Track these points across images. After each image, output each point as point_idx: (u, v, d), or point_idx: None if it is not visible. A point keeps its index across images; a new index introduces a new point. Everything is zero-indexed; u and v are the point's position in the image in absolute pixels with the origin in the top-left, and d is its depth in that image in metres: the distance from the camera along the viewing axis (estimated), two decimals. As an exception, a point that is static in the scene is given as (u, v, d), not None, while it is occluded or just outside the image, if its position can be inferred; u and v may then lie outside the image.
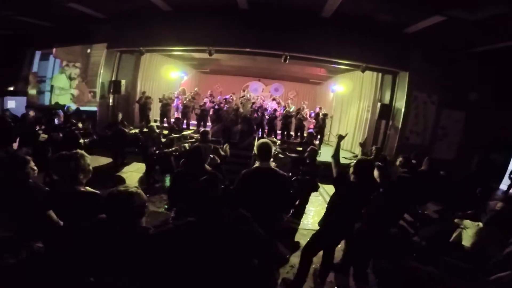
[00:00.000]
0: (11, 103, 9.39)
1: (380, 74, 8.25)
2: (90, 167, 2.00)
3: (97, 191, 1.95)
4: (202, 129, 7.19)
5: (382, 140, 7.92)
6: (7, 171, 2.31)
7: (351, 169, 2.50)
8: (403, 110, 7.23)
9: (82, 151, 2.01)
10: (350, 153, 8.67)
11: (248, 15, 6.93)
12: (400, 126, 7.28)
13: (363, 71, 7.53)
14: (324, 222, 2.60)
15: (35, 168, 2.25)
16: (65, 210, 1.85)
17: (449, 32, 6.21)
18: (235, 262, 1.56)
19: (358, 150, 8.65)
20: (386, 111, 7.62)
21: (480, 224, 2.65)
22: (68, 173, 1.89)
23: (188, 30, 7.23)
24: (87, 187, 1.98)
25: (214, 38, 7.19)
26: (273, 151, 2.43)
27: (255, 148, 2.44)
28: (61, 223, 1.95)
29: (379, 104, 7.81)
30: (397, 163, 4.21)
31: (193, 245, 1.45)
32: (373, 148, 5.82)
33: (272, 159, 2.63)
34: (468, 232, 2.65)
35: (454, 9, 5.14)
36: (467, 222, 2.69)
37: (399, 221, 4.18)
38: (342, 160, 2.72)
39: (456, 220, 2.75)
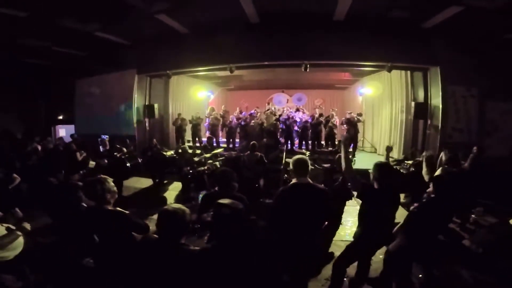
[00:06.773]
0: (62, 131, 10.24)
1: (408, 72, 7.81)
2: (115, 189, 2.27)
3: (124, 211, 2.18)
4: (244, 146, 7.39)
5: (422, 141, 7.39)
6: (61, 196, 2.77)
7: (372, 175, 2.45)
8: (440, 107, 6.71)
9: (106, 176, 2.28)
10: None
11: (261, 28, 7.04)
12: (440, 124, 6.75)
13: (389, 71, 7.22)
14: (357, 233, 2.54)
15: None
16: (96, 226, 2.16)
17: (472, 22, 5.79)
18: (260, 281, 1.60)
19: (395, 155, 8.14)
20: (422, 110, 7.16)
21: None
22: (96, 195, 2.17)
23: (207, 50, 7.46)
24: (117, 208, 2.22)
25: (232, 55, 7.37)
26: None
27: (290, 164, 2.38)
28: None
29: (413, 103, 7.35)
30: (442, 159, 3.67)
31: (215, 269, 1.52)
32: (423, 153, 5.33)
33: None
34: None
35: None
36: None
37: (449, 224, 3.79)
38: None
39: None
